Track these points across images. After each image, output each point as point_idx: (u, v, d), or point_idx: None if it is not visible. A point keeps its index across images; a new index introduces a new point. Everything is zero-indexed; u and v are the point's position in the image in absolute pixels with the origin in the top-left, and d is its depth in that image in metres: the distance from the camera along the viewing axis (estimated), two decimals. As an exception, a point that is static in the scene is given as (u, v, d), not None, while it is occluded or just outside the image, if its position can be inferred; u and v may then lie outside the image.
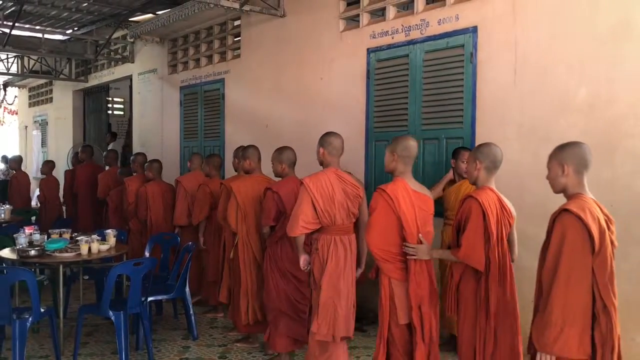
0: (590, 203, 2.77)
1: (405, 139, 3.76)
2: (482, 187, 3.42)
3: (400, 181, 3.65)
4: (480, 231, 3.26)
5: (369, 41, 5.86)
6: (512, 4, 4.65)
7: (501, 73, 4.75)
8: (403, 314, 3.57)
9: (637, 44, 3.94)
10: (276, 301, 4.57)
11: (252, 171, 5.13)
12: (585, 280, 2.67)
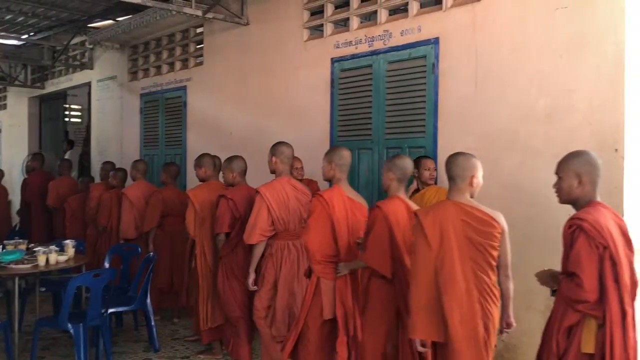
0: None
1: (340, 149, 4.00)
2: (391, 197, 3.61)
3: (337, 188, 3.88)
4: (383, 238, 3.44)
5: (333, 51, 5.90)
6: (473, 16, 4.76)
7: (462, 83, 4.85)
8: (328, 310, 3.74)
9: (593, 57, 4.09)
10: (235, 310, 4.62)
11: (208, 179, 5.24)
12: None
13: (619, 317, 2.52)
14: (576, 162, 2.82)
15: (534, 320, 4.19)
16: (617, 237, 2.63)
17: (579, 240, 2.61)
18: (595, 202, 2.78)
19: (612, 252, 2.56)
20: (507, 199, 4.30)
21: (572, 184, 2.81)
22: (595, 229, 2.59)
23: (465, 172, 3.13)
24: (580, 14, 4.16)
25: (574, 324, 2.63)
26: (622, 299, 2.55)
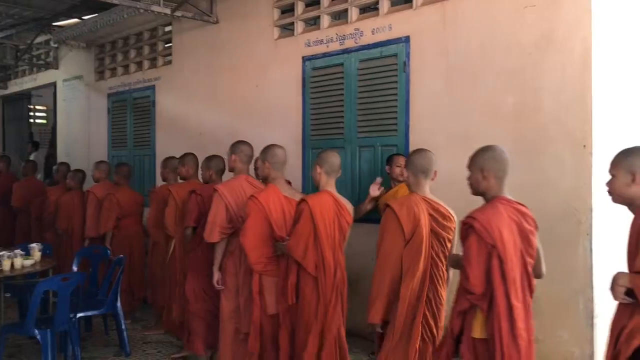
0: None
1: (273, 147, 4.06)
2: (321, 191, 3.77)
3: (273, 187, 3.97)
4: (307, 231, 3.59)
5: (304, 49, 5.87)
6: (442, 15, 4.80)
7: (433, 82, 4.88)
8: (272, 305, 3.87)
9: (561, 55, 4.15)
10: (195, 305, 4.70)
11: (190, 177, 5.31)
12: None
13: (505, 310, 2.69)
14: (480, 157, 2.94)
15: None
16: (508, 236, 2.75)
17: (469, 238, 2.78)
18: (499, 197, 2.88)
19: (499, 251, 2.71)
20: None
21: (477, 178, 2.92)
22: (485, 228, 2.73)
23: (431, 167, 3.46)
24: (548, 12, 4.22)
25: (465, 309, 2.83)
26: (509, 293, 2.71)
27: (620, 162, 2.60)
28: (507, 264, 2.72)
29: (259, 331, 3.93)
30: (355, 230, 4.01)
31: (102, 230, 6.04)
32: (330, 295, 3.66)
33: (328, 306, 3.66)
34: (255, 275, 3.92)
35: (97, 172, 6.54)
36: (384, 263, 3.33)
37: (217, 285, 4.29)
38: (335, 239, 3.70)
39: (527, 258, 2.84)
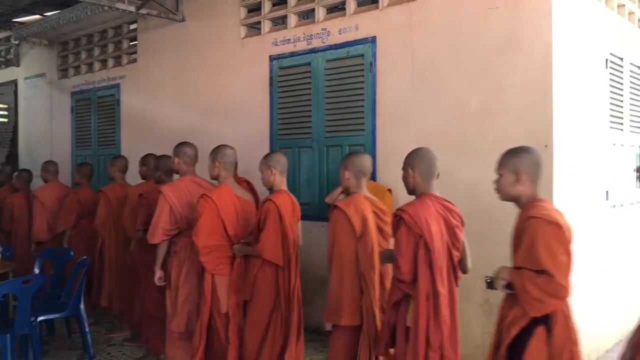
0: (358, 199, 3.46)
1: (223, 147, 4.13)
2: (278, 190, 3.87)
3: (225, 187, 4.02)
4: (276, 229, 3.70)
5: (271, 48, 5.85)
6: (409, 16, 4.84)
7: (399, 82, 4.91)
8: (224, 304, 3.92)
9: (523, 56, 4.23)
10: (151, 305, 4.75)
11: (148, 177, 5.31)
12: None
13: (430, 296, 2.92)
14: (409, 157, 3.22)
15: (471, 312, 4.31)
16: (435, 228, 2.98)
17: (399, 230, 3.00)
18: (427, 194, 3.13)
19: (426, 241, 2.94)
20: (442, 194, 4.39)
21: (407, 176, 3.19)
22: (414, 219, 2.95)
23: (370, 169, 3.64)
24: (511, 14, 4.29)
25: (399, 300, 3.03)
26: (435, 280, 2.93)
27: (506, 162, 2.78)
28: (434, 253, 2.94)
29: (206, 330, 3.98)
30: (324, 229, 4.03)
31: (60, 228, 5.94)
32: (293, 291, 3.78)
33: (292, 301, 3.76)
34: (207, 275, 3.95)
35: (44, 173, 6.43)
36: (340, 263, 3.39)
37: (158, 282, 4.35)
38: (294, 236, 3.83)
39: (454, 250, 3.08)
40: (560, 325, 2.52)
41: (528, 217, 2.58)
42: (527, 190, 2.69)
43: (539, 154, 2.80)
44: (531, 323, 2.53)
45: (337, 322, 3.42)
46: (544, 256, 2.46)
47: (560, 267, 2.46)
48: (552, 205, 2.72)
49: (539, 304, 2.47)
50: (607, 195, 5.03)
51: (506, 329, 2.59)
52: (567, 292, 2.47)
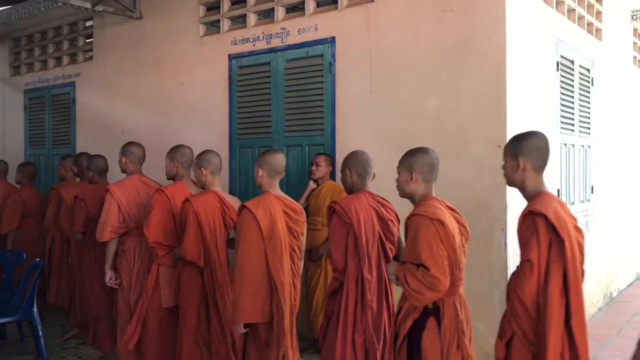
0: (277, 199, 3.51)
1: (182, 147, 4.21)
2: (206, 191, 3.93)
3: (180, 185, 4.13)
4: (195, 228, 3.76)
5: (231, 47, 5.82)
6: (366, 17, 4.89)
7: (358, 82, 4.96)
8: (167, 298, 3.96)
9: (478, 58, 4.32)
10: (94, 305, 4.78)
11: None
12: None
13: (357, 282, 3.09)
14: (347, 160, 3.49)
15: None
16: (366, 219, 3.20)
17: (332, 220, 3.21)
18: (362, 191, 3.38)
19: (355, 230, 3.14)
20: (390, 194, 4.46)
21: (345, 177, 3.45)
22: (344, 210, 3.20)
23: (283, 167, 3.65)
24: (465, 17, 4.38)
25: (335, 289, 3.17)
26: (362, 267, 3.12)
27: (403, 161, 2.96)
28: (361, 241, 3.13)
29: (142, 324, 4.00)
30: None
31: (4, 229, 5.82)
32: (215, 291, 3.83)
33: (216, 302, 3.81)
34: (154, 267, 4.00)
35: None
36: (246, 263, 3.35)
37: (109, 282, 4.34)
38: (219, 237, 3.86)
39: (387, 242, 3.25)
40: (449, 316, 2.71)
41: (412, 214, 2.76)
42: (419, 188, 2.88)
43: (436, 156, 2.96)
44: (423, 315, 2.73)
45: (244, 320, 3.36)
46: (423, 251, 2.63)
47: (437, 261, 2.62)
48: (445, 203, 2.90)
49: (418, 295, 2.64)
50: (558, 194, 5.18)
51: (402, 321, 2.79)
52: (442, 285, 2.62)
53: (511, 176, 2.77)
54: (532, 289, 2.49)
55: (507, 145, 2.80)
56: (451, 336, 2.70)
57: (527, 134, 2.79)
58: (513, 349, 2.55)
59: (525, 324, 2.51)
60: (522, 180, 2.74)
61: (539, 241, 2.51)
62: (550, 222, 2.51)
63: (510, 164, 2.76)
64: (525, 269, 2.52)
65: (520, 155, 2.70)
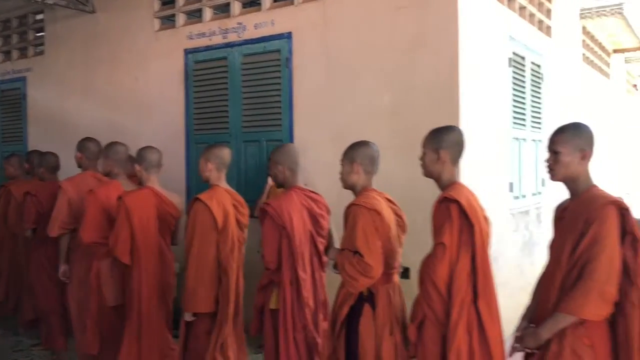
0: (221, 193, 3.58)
1: (115, 145, 4.16)
2: (141, 188, 3.90)
3: (114, 183, 4.09)
4: (124, 225, 3.72)
5: (186, 42, 5.75)
6: (323, 13, 4.90)
7: (315, 78, 4.97)
8: (110, 296, 3.91)
9: (431, 55, 4.39)
10: (45, 302, 4.73)
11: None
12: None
13: (293, 280, 3.15)
14: (277, 155, 3.47)
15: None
16: (298, 219, 3.24)
17: (265, 222, 3.25)
18: (293, 187, 3.40)
19: (288, 231, 3.19)
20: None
21: (277, 172, 3.43)
22: (277, 212, 3.22)
23: (229, 161, 3.73)
24: (419, 13, 4.44)
25: (265, 285, 3.25)
26: (296, 267, 3.17)
27: (346, 153, 3.08)
28: (295, 242, 3.18)
29: (99, 326, 3.95)
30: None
31: None
32: (152, 289, 3.79)
33: (152, 299, 3.79)
34: (95, 265, 3.94)
35: None
36: (200, 253, 3.47)
37: (63, 277, 4.31)
38: (154, 233, 3.82)
39: (318, 238, 3.32)
40: (382, 303, 2.88)
41: (351, 204, 2.90)
42: (360, 179, 3.03)
43: (376, 149, 3.08)
44: (358, 302, 2.88)
45: (199, 310, 3.49)
46: (358, 239, 2.79)
47: (371, 249, 2.77)
48: (383, 195, 3.08)
49: (353, 281, 2.80)
50: (510, 187, 5.32)
51: (339, 308, 2.94)
52: (375, 272, 2.77)
53: (430, 167, 2.88)
54: (445, 271, 2.62)
55: (428, 139, 2.91)
56: (384, 322, 2.86)
57: (447, 128, 2.92)
58: (424, 331, 2.68)
59: (436, 306, 2.63)
60: (440, 171, 2.86)
61: (452, 226, 2.64)
62: (462, 209, 2.65)
63: (430, 156, 2.87)
64: (438, 251, 2.65)
65: (441, 149, 2.82)
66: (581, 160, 2.53)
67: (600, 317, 2.36)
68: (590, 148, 2.55)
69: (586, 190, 2.52)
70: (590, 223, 2.37)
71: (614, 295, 2.33)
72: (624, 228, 2.37)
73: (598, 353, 2.37)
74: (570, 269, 2.42)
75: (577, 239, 2.41)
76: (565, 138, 2.55)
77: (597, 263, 2.32)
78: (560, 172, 2.56)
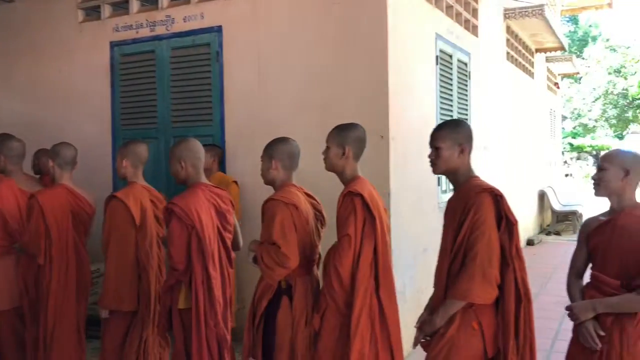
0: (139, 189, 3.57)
1: (10, 141, 3.97)
2: (54, 185, 3.76)
3: (7, 181, 3.92)
4: (38, 224, 3.62)
5: (112, 34, 5.57)
6: (253, 7, 4.86)
7: (247, 73, 4.93)
8: (8, 299, 3.78)
9: (362, 51, 4.44)
10: None
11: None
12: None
13: (203, 280, 3.09)
14: (178, 150, 3.25)
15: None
16: (206, 217, 3.13)
17: (171, 222, 3.10)
18: (198, 184, 3.25)
19: (197, 230, 3.08)
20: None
21: (177, 169, 3.25)
22: (184, 212, 3.07)
23: (147, 157, 3.70)
24: (350, 9, 4.49)
25: (173, 285, 3.18)
26: (207, 266, 3.11)
27: (265, 150, 3.14)
28: (205, 241, 3.09)
29: None
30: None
31: None
32: (68, 289, 3.71)
33: (69, 298, 3.71)
34: None
35: None
36: (119, 251, 3.46)
37: None
38: (69, 231, 3.72)
39: (225, 233, 3.28)
40: (299, 294, 2.96)
41: (269, 199, 2.99)
42: (279, 175, 3.08)
43: (296, 145, 3.16)
44: (277, 294, 2.96)
45: (118, 308, 3.48)
46: (276, 231, 2.86)
47: (287, 240, 2.86)
48: (302, 190, 3.17)
49: (270, 271, 2.89)
50: (438, 181, 5.47)
51: (258, 301, 3.01)
52: (290, 262, 2.85)
53: (334, 162, 2.99)
54: (349, 262, 2.76)
55: (333, 135, 3.02)
56: (300, 313, 2.94)
57: (351, 125, 3.05)
58: (325, 320, 2.81)
59: (338, 296, 2.77)
60: (344, 166, 2.98)
61: (356, 218, 2.78)
62: (365, 202, 2.79)
63: (335, 152, 2.98)
64: (344, 243, 2.77)
65: (346, 144, 2.95)
66: (460, 154, 2.68)
67: (487, 300, 2.50)
68: (468, 143, 2.71)
69: (466, 181, 2.68)
70: (467, 211, 2.53)
71: (497, 277, 2.49)
72: (499, 213, 2.53)
73: (486, 335, 2.51)
74: (455, 256, 2.57)
75: (458, 228, 2.56)
76: (444, 134, 2.70)
77: (477, 248, 2.46)
78: (441, 166, 2.71)
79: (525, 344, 2.52)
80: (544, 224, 11.99)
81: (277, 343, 2.94)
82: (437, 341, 2.57)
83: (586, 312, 2.57)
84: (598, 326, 2.53)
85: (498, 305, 2.54)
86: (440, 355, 2.52)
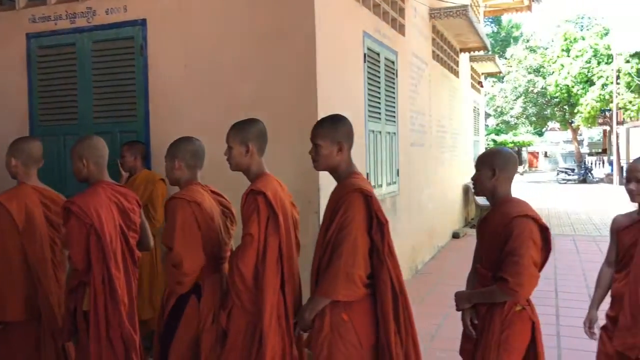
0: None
1: None
2: (19, 185, 3.46)
3: None
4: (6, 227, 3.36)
5: (29, 25, 5.29)
6: (179, 0, 4.75)
7: (172, 68, 4.82)
8: None
9: (290, 48, 4.44)
10: None
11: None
12: None
13: (105, 279, 2.98)
14: (79, 148, 3.12)
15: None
16: (107, 215, 3.02)
17: (70, 221, 2.97)
18: (100, 182, 3.13)
19: (96, 229, 2.96)
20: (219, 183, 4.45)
21: (80, 167, 3.12)
22: (82, 210, 2.95)
23: (41, 155, 3.48)
24: (277, 4, 4.47)
25: (76, 286, 3.04)
26: (109, 265, 2.98)
27: (168, 150, 3.11)
28: (105, 239, 2.98)
29: None
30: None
31: None
32: None
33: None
34: None
35: None
36: (2, 259, 3.24)
37: None
38: (44, 236, 3.46)
39: (130, 232, 3.18)
40: (207, 293, 2.96)
41: (171, 198, 2.95)
42: (183, 174, 3.07)
43: (199, 144, 3.15)
44: (185, 293, 2.94)
45: (3, 319, 3.25)
46: (172, 234, 2.84)
47: (187, 240, 2.84)
48: (208, 188, 3.18)
49: (170, 275, 2.91)
50: (367, 177, 5.56)
51: (167, 299, 3.00)
52: (183, 263, 2.83)
53: (239, 160, 2.97)
54: (252, 261, 2.76)
55: (234, 133, 2.99)
56: (208, 311, 2.94)
57: (251, 121, 3.06)
58: (232, 318, 2.83)
59: (243, 295, 2.78)
60: (249, 164, 2.98)
61: (259, 217, 2.78)
62: (268, 200, 2.78)
63: (238, 150, 2.96)
64: (246, 242, 2.77)
65: (250, 141, 2.94)
66: (339, 152, 2.77)
67: (351, 297, 2.60)
68: (347, 140, 2.80)
69: (345, 178, 2.76)
70: (338, 209, 2.62)
71: (362, 277, 2.59)
72: (370, 213, 2.63)
73: (357, 326, 2.62)
74: (324, 252, 2.66)
75: (329, 224, 2.65)
76: (323, 132, 2.78)
77: (343, 248, 2.55)
78: (322, 163, 2.79)
79: (408, 337, 2.65)
80: (468, 217, 12.43)
81: (178, 335, 2.92)
82: (316, 337, 2.66)
83: (463, 302, 2.77)
84: (475, 315, 2.73)
85: (370, 298, 2.65)
86: (322, 354, 2.62)
